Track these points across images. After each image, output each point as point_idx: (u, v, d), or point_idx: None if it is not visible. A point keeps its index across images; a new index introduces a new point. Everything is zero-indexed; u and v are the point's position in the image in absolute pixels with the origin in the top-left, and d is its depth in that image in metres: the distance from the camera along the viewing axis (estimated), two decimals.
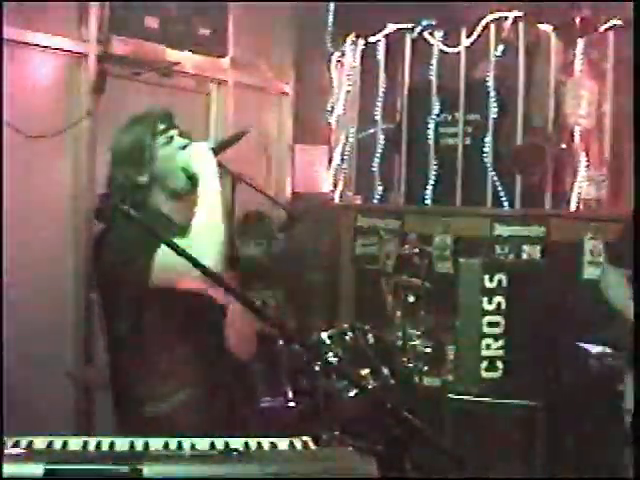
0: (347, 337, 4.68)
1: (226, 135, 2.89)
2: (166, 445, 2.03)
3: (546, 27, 5.69)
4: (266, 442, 2.08)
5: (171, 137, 2.77)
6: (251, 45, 6.02)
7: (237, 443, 2.06)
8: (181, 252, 2.15)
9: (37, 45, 4.69)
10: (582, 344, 4.47)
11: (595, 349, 4.31)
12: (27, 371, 4.61)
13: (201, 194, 2.63)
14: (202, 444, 2.04)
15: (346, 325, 4.81)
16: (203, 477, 1.78)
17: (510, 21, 5.77)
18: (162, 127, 2.76)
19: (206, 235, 2.54)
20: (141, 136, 2.75)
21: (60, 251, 4.93)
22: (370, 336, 4.88)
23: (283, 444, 2.08)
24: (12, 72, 4.54)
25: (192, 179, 2.69)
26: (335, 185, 6.57)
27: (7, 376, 4.34)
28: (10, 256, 4.49)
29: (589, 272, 5.20)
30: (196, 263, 2.15)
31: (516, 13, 5.73)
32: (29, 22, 4.60)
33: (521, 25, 5.75)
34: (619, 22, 5.31)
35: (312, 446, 2.08)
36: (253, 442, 2.08)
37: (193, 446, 2.02)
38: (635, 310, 3.43)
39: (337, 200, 6.57)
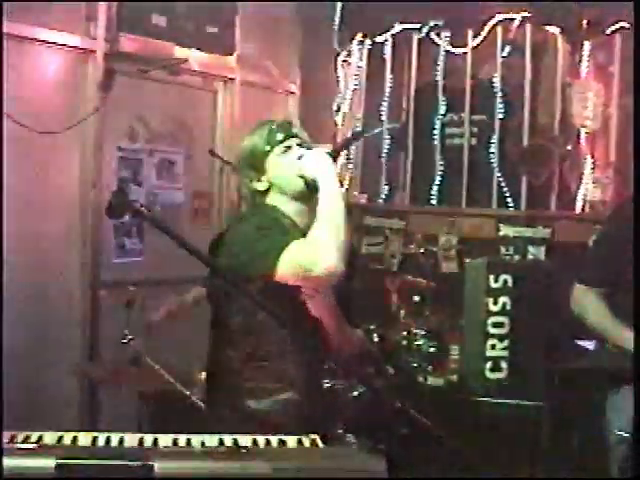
0: None
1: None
2: (175, 442, 2.04)
3: (553, 29, 5.69)
4: (274, 440, 2.09)
5: (288, 147, 2.87)
6: (258, 44, 6.03)
7: (246, 440, 2.07)
8: (193, 252, 2.17)
9: (45, 41, 4.70)
10: (579, 341, 4.40)
11: (591, 345, 4.22)
12: (33, 367, 4.63)
13: (321, 197, 2.71)
14: (211, 441, 2.05)
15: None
16: (214, 473, 1.79)
17: (517, 23, 5.77)
18: (280, 137, 2.87)
19: (327, 237, 2.62)
20: (258, 145, 2.88)
21: (67, 246, 4.93)
22: (375, 335, 4.90)
23: (291, 442, 2.09)
24: (21, 68, 4.56)
25: (311, 185, 2.78)
26: (341, 184, 6.55)
27: (12, 372, 4.35)
28: (16, 250, 4.50)
29: None
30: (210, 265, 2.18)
31: (523, 15, 5.74)
32: (38, 18, 4.61)
33: (528, 27, 5.75)
34: (626, 25, 5.32)
35: (320, 444, 2.09)
36: (261, 439, 2.09)
37: (203, 443, 2.03)
38: (635, 313, 3.38)
39: None
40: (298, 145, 2.88)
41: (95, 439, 2.02)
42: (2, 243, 4.42)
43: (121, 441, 2.01)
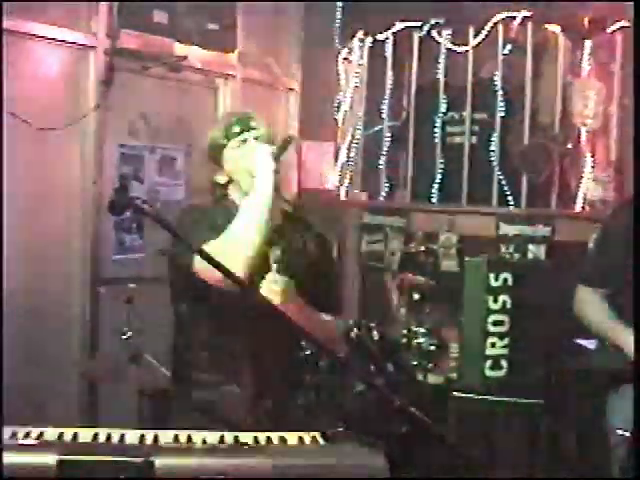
0: (352, 334, 4.70)
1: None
2: (176, 438, 2.04)
3: (554, 27, 5.69)
4: (275, 437, 2.10)
5: (244, 140, 2.85)
6: (259, 41, 6.03)
7: (247, 437, 2.07)
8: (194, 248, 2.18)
9: (46, 38, 4.69)
10: (579, 340, 4.39)
11: (591, 345, 4.20)
12: (32, 363, 4.62)
13: (250, 195, 2.70)
14: (212, 438, 2.05)
15: (351, 322, 4.82)
16: (214, 470, 1.80)
17: (518, 21, 5.77)
18: (236, 130, 2.86)
19: (238, 239, 2.61)
20: (217, 137, 2.88)
21: (67, 243, 4.93)
22: (375, 333, 4.90)
23: (292, 439, 2.09)
24: (21, 65, 4.55)
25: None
26: (341, 182, 6.57)
27: (13, 369, 4.35)
28: (17, 248, 4.50)
29: None
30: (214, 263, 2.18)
31: (524, 13, 5.74)
32: (39, 15, 4.61)
33: (529, 25, 5.75)
34: (627, 24, 5.32)
35: (321, 441, 2.09)
36: (262, 437, 2.09)
37: (204, 440, 2.03)
38: (635, 312, 3.37)
39: (343, 197, 6.57)
40: (255, 139, 2.84)
41: (96, 435, 2.02)
42: (2, 241, 4.42)
43: (122, 437, 2.01)
